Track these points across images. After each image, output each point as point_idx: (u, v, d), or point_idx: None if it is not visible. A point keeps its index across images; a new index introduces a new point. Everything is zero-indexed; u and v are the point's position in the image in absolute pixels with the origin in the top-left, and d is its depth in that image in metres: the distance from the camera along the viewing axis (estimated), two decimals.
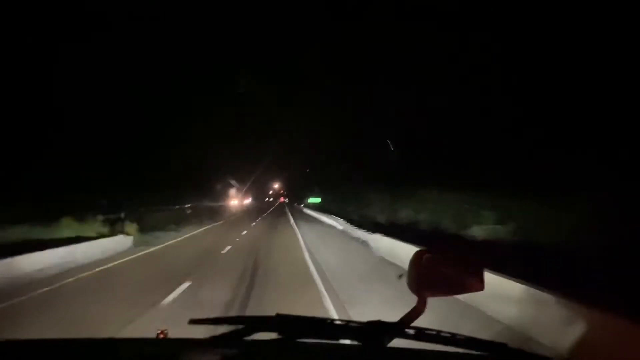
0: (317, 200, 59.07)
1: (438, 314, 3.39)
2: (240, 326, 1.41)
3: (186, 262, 12.24)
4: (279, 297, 7.59)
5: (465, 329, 1.66)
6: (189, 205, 36.51)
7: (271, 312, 1.47)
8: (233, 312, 6.39)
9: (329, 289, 8.15)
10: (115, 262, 12.13)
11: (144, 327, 5.49)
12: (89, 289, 8.83)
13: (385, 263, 11.80)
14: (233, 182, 62.63)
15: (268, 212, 54.81)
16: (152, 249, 15.38)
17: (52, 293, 8.23)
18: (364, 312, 6.21)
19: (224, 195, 58.97)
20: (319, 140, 56.31)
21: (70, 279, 9.53)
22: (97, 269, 10.97)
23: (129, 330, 5.48)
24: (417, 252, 1.47)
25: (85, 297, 7.99)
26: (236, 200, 65.16)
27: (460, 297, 6.14)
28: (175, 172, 36.35)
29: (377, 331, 1.33)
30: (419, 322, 1.33)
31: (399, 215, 25.72)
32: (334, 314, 6.34)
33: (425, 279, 1.43)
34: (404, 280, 1.47)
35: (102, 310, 6.55)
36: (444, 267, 1.45)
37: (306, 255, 13.39)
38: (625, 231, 8.65)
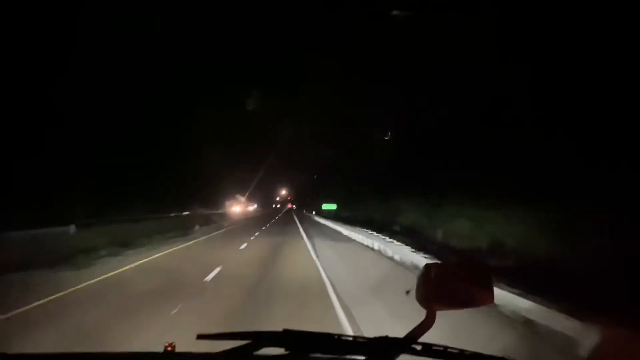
0: (333, 207, 51.14)
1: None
2: (248, 341, 1.38)
3: None
4: None
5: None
6: (186, 213, 33.26)
7: None
8: None
9: None
10: None
11: None
12: None
13: None
14: (236, 188, 57.99)
15: (272, 221, 43.60)
16: None
17: None
18: None
19: (226, 201, 53.56)
20: (329, 144, 54.23)
21: None
22: None
23: None
24: (427, 265, 1.43)
25: None
26: (238, 207, 58.37)
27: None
28: (176, 177, 33.48)
29: (384, 347, 1.32)
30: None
31: (451, 228, 18.50)
32: None
33: (434, 293, 1.38)
34: (413, 295, 1.40)
35: None
36: (453, 280, 1.38)
37: None
38: None
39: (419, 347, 1.29)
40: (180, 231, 24.85)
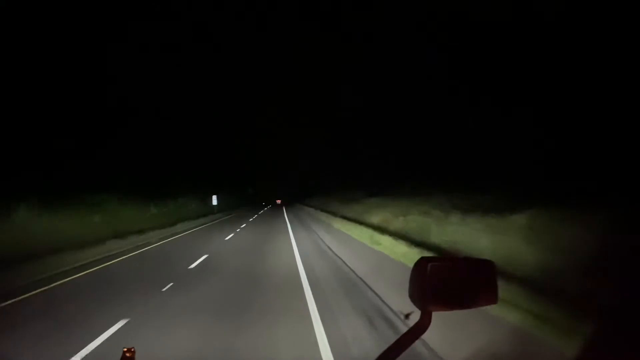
0: None
1: None
2: None
3: None
4: None
5: None
6: None
7: None
8: None
9: None
10: None
11: None
12: None
13: None
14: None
15: None
16: None
17: None
18: None
19: None
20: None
21: None
22: None
23: None
24: (421, 259, 1.22)
25: None
26: None
27: None
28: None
29: None
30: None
31: None
32: None
33: (430, 291, 1.18)
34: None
35: None
36: (452, 277, 1.21)
37: None
38: None
39: None
40: None
